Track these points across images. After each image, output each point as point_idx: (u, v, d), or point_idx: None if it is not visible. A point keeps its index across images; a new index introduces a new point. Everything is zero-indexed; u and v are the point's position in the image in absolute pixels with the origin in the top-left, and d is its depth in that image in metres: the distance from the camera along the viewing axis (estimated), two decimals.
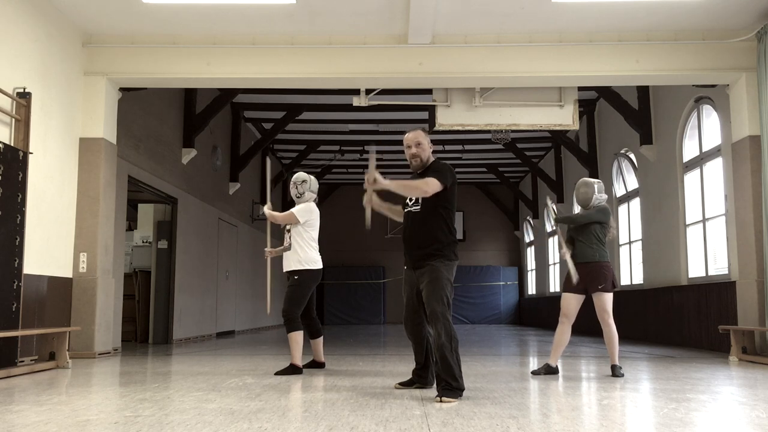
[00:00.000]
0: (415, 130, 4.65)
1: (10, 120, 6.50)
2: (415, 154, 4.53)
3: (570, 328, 5.79)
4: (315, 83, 8.57)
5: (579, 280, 5.66)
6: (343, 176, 20.81)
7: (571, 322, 5.77)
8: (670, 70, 8.03)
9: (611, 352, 5.69)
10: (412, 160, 4.56)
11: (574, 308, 5.74)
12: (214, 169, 13.28)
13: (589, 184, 5.85)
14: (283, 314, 5.80)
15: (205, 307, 12.49)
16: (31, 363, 6.33)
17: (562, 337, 5.75)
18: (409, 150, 4.56)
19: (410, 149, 4.56)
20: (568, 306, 5.74)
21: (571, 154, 14.62)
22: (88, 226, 7.74)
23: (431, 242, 4.43)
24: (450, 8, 7.43)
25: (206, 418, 3.52)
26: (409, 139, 4.57)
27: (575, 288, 5.71)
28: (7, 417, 3.59)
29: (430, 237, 4.44)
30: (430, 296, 4.32)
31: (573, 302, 5.73)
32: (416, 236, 4.49)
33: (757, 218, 7.54)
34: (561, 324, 5.78)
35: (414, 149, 4.54)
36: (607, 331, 5.66)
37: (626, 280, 12.30)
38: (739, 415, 3.70)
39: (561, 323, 5.78)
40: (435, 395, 4.20)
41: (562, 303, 5.78)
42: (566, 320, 5.75)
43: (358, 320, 21.85)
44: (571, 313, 5.74)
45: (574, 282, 5.66)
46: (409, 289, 4.60)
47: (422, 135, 4.57)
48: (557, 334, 5.79)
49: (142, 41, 8.09)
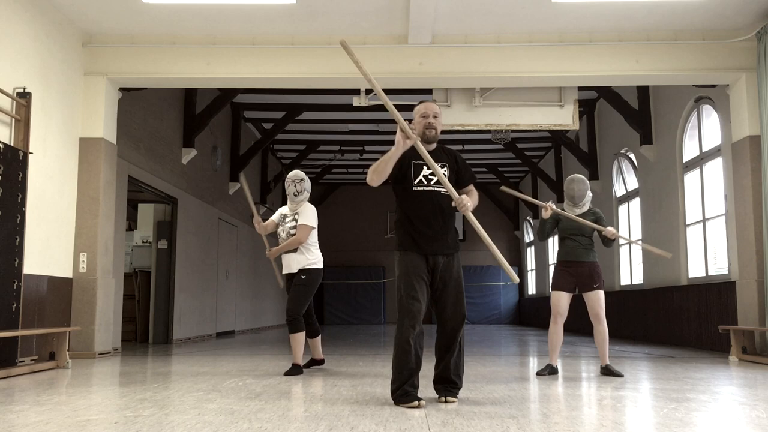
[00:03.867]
0: (430, 100, 4.43)
1: (10, 120, 6.50)
2: (431, 124, 4.24)
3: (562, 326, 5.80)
4: (315, 83, 8.57)
5: (572, 280, 5.66)
6: (343, 176, 20.80)
7: (563, 320, 5.77)
8: (670, 70, 8.03)
9: (604, 352, 5.69)
10: (427, 130, 4.22)
11: (566, 306, 5.75)
12: (214, 169, 13.28)
13: (585, 181, 5.85)
14: (288, 314, 5.79)
15: (205, 307, 12.49)
16: (31, 363, 6.33)
17: (557, 336, 5.75)
18: (427, 119, 4.25)
19: (427, 119, 4.25)
20: (560, 304, 5.73)
21: (571, 154, 14.61)
22: (88, 226, 7.74)
23: (454, 229, 4.23)
24: (450, 8, 7.42)
25: (206, 418, 3.52)
26: (429, 108, 4.27)
27: (567, 286, 5.71)
28: (7, 417, 3.59)
29: (454, 223, 4.25)
30: (461, 297, 4.12)
31: (564, 300, 5.73)
32: (447, 219, 4.16)
33: (757, 218, 7.54)
34: (555, 323, 5.77)
35: (432, 119, 4.25)
36: (602, 329, 5.67)
37: (626, 280, 12.29)
38: (739, 415, 3.70)
39: (555, 322, 5.76)
40: (439, 396, 4.10)
41: (552, 301, 5.76)
42: (560, 319, 5.75)
43: (359, 320, 21.85)
44: (563, 311, 5.74)
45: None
46: (422, 281, 4.05)
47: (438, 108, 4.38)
48: (552, 333, 5.78)
49: (142, 41, 8.09)
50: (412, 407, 3.81)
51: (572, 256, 5.73)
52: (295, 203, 5.98)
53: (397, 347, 3.96)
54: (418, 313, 3.97)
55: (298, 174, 6.06)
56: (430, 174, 4.15)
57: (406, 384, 3.92)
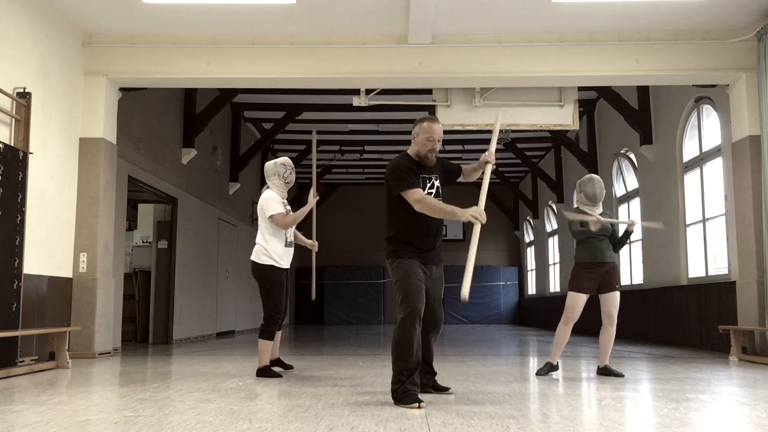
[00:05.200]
0: (438, 120, 4.41)
1: (10, 120, 6.50)
2: (435, 150, 4.29)
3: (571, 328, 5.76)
4: (315, 83, 8.57)
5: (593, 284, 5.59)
6: (343, 176, 20.80)
7: (574, 323, 5.69)
8: (670, 70, 8.03)
9: (606, 353, 5.66)
10: (430, 153, 4.28)
11: (581, 309, 5.65)
12: (214, 169, 13.28)
13: (602, 181, 5.82)
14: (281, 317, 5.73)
15: (205, 307, 12.49)
16: (31, 363, 6.33)
17: (565, 337, 5.68)
18: (432, 143, 4.27)
19: (433, 143, 4.28)
20: (576, 307, 5.60)
21: (571, 154, 14.61)
22: (88, 226, 7.74)
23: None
24: (450, 8, 7.43)
25: (206, 418, 3.52)
26: (437, 132, 4.28)
27: (587, 289, 5.59)
28: (7, 417, 3.59)
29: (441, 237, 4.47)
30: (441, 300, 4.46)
31: (581, 303, 5.62)
32: (439, 231, 4.38)
33: (757, 218, 7.54)
34: (566, 324, 5.65)
35: (437, 145, 4.29)
36: (612, 331, 5.62)
37: (626, 280, 12.29)
38: (739, 415, 3.70)
39: (566, 324, 5.65)
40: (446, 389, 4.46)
41: (569, 302, 5.63)
42: (572, 321, 5.64)
43: (358, 320, 21.84)
44: (578, 314, 5.63)
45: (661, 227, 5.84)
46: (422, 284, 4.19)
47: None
48: (561, 333, 5.68)
49: (142, 41, 8.09)
50: (412, 407, 3.81)
51: (599, 257, 5.62)
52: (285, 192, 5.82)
53: (399, 347, 3.99)
54: (422, 313, 4.11)
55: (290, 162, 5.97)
56: (429, 188, 4.33)
57: (407, 383, 3.94)
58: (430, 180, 4.34)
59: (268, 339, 5.55)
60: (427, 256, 4.30)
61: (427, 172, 4.34)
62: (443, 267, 4.52)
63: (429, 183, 4.33)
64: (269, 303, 5.57)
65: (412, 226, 4.28)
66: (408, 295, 4.08)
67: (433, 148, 4.27)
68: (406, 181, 4.20)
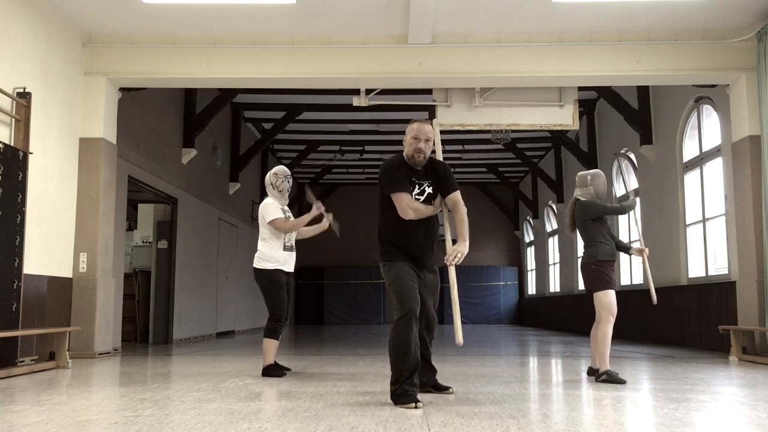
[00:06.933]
0: (427, 121, 4.28)
1: (10, 120, 6.50)
2: (421, 149, 4.15)
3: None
4: (315, 83, 8.57)
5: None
6: (343, 176, 20.81)
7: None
8: (670, 70, 8.03)
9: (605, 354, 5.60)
10: (416, 154, 4.16)
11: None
12: (214, 169, 13.28)
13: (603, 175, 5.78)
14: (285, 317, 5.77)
15: (205, 307, 12.49)
16: (31, 363, 6.33)
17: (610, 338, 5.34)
18: (417, 143, 4.14)
19: (418, 142, 4.14)
20: (615, 303, 5.34)
21: (571, 154, 14.61)
22: (88, 226, 7.74)
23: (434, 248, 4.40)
24: (450, 8, 7.43)
25: (206, 418, 3.52)
26: (422, 132, 4.13)
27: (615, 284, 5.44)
28: (7, 417, 3.59)
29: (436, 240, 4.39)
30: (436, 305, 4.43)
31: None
32: (428, 235, 4.31)
33: (757, 218, 7.54)
34: (610, 323, 5.31)
35: (422, 144, 4.15)
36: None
37: (626, 280, 12.30)
38: (739, 415, 3.70)
39: (610, 322, 5.30)
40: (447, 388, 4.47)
41: (608, 301, 5.30)
42: (614, 319, 5.34)
43: (358, 320, 21.84)
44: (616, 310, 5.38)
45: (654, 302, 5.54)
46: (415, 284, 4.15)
47: (433, 132, 4.23)
48: (609, 336, 5.30)
49: (142, 41, 8.09)
50: (408, 407, 3.82)
51: (615, 254, 5.54)
52: (285, 199, 5.92)
53: (397, 348, 3.98)
54: (417, 312, 4.08)
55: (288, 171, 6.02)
56: (418, 194, 4.24)
57: (406, 384, 3.94)
58: (420, 185, 4.25)
59: (273, 338, 5.67)
60: (416, 261, 4.25)
61: (418, 176, 4.25)
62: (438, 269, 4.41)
63: (419, 188, 4.25)
64: (273, 304, 5.70)
65: (399, 228, 4.23)
66: (402, 296, 4.04)
67: (418, 148, 4.16)
68: (396, 182, 4.16)
